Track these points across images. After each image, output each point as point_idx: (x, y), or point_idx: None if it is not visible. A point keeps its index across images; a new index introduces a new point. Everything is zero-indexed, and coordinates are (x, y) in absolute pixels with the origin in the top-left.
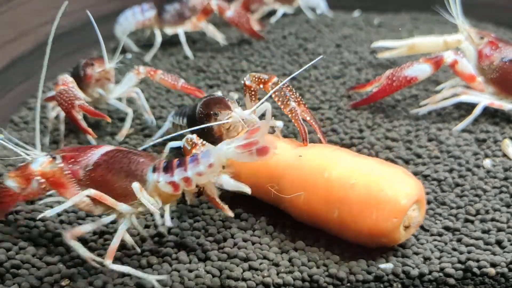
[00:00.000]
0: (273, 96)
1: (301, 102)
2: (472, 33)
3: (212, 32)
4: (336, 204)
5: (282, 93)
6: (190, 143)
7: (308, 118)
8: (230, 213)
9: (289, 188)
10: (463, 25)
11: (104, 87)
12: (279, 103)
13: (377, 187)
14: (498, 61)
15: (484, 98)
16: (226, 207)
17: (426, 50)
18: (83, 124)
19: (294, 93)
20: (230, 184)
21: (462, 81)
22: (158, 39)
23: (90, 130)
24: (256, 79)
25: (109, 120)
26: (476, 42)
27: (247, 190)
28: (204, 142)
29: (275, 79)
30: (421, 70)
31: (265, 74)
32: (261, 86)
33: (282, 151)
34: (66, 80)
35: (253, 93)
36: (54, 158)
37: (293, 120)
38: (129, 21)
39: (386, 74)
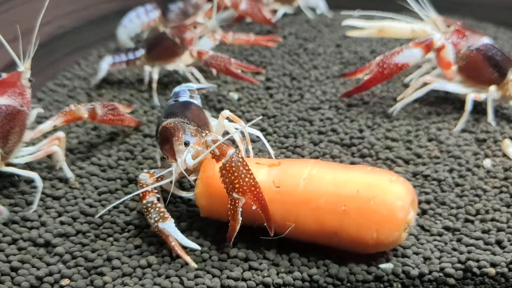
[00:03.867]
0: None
1: (247, 189)
2: (438, 22)
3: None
4: (332, 232)
5: (227, 178)
6: (141, 185)
7: (253, 208)
8: (193, 264)
9: (278, 219)
10: (429, 14)
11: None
12: (224, 186)
13: (370, 209)
14: (465, 50)
15: (456, 86)
16: (188, 259)
17: (394, 35)
18: (242, 74)
19: (242, 175)
20: (183, 240)
21: (429, 70)
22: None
23: (249, 77)
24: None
25: (263, 71)
26: (442, 31)
27: (196, 247)
28: (158, 175)
29: (226, 158)
30: (412, 55)
31: (221, 147)
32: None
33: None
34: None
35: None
36: None
37: (230, 213)
38: (134, 23)
39: (376, 61)
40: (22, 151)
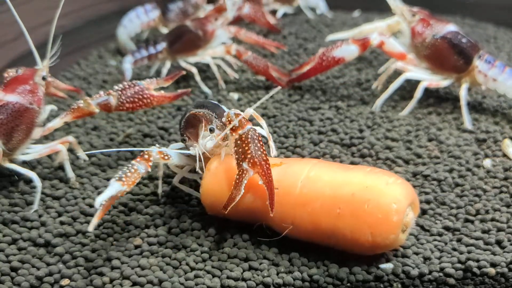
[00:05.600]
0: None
1: (257, 162)
2: (404, 11)
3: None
4: (328, 234)
5: (241, 148)
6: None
7: (260, 183)
8: (90, 228)
9: (276, 220)
10: (395, 3)
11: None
12: (236, 157)
13: (365, 212)
14: (430, 38)
15: (424, 73)
16: (94, 222)
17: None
18: (276, 78)
19: (256, 148)
20: (105, 196)
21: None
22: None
23: (283, 83)
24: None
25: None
26: (408, 20)
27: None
28: (168, 155)
29: (243, 130)
30: (348, 51)
31: (241, 120)
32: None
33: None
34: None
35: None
36: None
37: (234, 182)
38: (134, 23)
39: (318, 53)
40: (31, 147)
